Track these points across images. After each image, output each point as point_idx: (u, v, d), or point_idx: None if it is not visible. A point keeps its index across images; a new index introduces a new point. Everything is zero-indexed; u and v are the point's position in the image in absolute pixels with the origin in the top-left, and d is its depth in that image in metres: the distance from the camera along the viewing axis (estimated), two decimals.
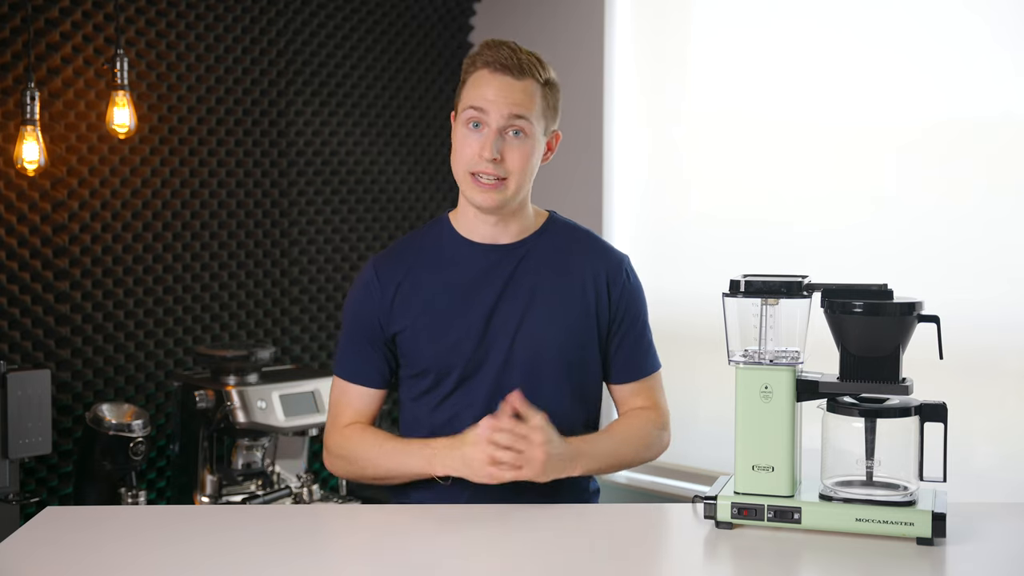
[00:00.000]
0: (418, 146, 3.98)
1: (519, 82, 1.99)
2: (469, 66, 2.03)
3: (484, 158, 1.98)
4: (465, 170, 2.01)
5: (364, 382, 2.11)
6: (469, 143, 2.00)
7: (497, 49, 2.00)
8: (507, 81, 1.98)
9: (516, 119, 1.98)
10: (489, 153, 1.97)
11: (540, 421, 1.91)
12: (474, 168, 1.99)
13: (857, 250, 3.24)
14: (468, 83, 2.03)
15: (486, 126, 1.99)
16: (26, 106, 2.85)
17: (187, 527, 1.88)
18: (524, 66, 1.99)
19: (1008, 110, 3.02)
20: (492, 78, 1.99)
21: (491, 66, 1.99)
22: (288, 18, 3.59)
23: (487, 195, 2.00)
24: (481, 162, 1.98)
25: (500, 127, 1.98)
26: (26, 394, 2.76)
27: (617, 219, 3.81)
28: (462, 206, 2.09)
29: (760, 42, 3.47)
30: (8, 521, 2.71)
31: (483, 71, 2.00)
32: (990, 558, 1.71)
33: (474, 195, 2.01)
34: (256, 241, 3.55)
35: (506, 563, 1.68)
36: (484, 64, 2.00)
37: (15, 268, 3.02)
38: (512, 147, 1.99)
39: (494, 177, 1.99)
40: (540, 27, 3.90)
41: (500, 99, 1.98)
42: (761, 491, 1.82)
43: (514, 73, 1.98)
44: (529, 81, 1.99)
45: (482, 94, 1.99)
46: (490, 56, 2.00)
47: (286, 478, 3.18)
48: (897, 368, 1.81)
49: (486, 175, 1.99)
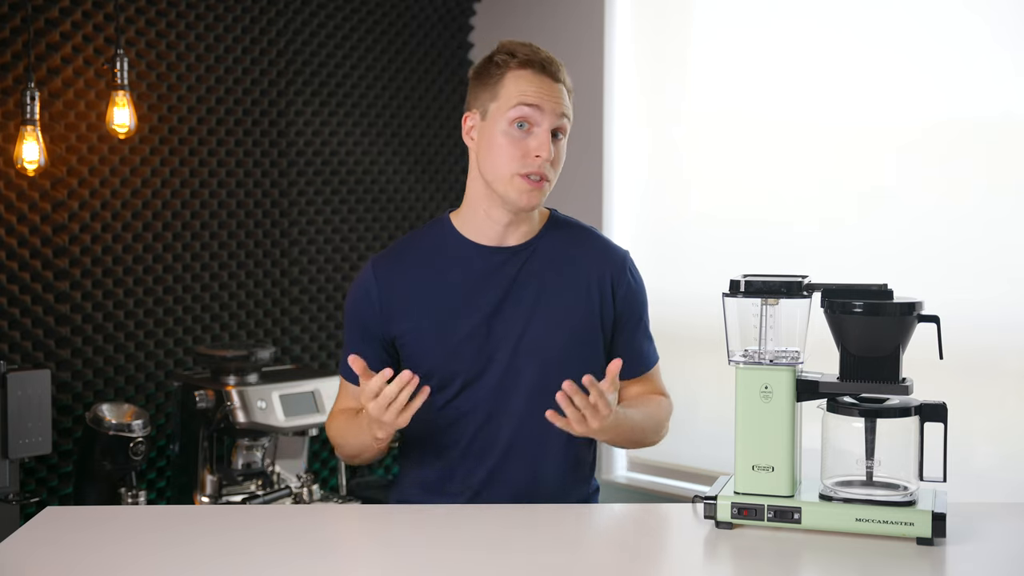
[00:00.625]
0: (418, 146, 3.98)
1: (558, 84, 1.98)
2: (501, 64, 1.98)
3: (543, 158, 1.95)
4: (513, 171, 1.96)
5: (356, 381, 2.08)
6: (516, 142, 1.96)
7: (532, 49, 1.98)
8: (549, 82, 1.97)
9: (562, 119, 1.98)
10: (548, 153, 1.94)
11: (605, 386, 1.85)
12: (526, 169, 1.95)
13: (857, 250, 3.24)
14: (507, 81, 1.97)
15: (536, 126, 1.95)
16: (26, 106, 2.85)
17: (187, 527, 1.88)
18: (558, 70, 1.99)
19: (1008, 110, 3.02)
20: (536, 78, 1.96)
21: (534, 66, 1.96)
22: (288, 18, 3.59)
23: (532, 194, 1.97)
24: (534, 163, 1.95)
25: (552, 127, 1.96)
26: (26, 394, 2.76)
27: (617, 219, 3.80)
28: (472, 206, 2.05)
29: (760, 42, 3.47)
30: (8, 521, 2.71)
31: (525, 71, 1.96)
32: (990, 558, 1.71)
33: (520, 196, 1.97)
34: (256, 241, 3.55)
35: (506, 563, 1.68)
36: (525, 64, 1.97)
37: (15, 268, 3.02)
38: (557, 149, 1.98)
39: (539, 176, 1.97)
40: (540, 27, 3.90)
41: (551, 99, 1.96)
42: (761, 491, 1.82)
43: (554, 75, 1.98)
44: (562, 85, 1.99)
45: (530, 93, 1.95)
46: (530, 55, 1.97)
47: (286, 478, 3.18)
48: (897, 368, 1.81)
49: (536, 175, 1.96)
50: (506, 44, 2.01)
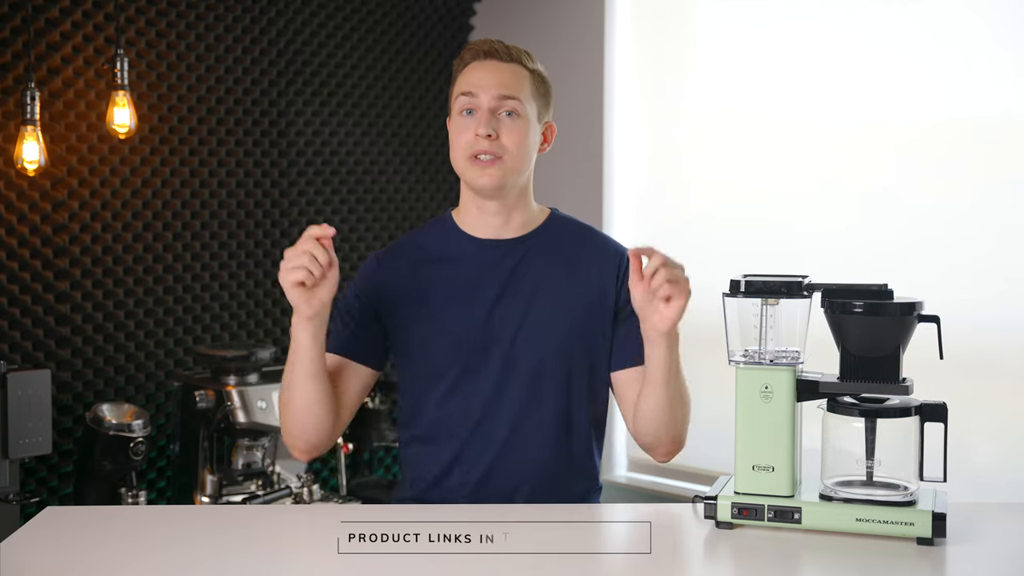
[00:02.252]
0: (418, 146, 3.98)
1: (507, 65, 2.03)
2: (458, 63, 2.08)
3: (480, 136, 1.99)
4: (464, 156, 2.01)
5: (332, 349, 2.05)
6: (464, 128, 2.02)
7: (482, 41, 2.06)
8: (494, 64, 2.03)
9: (507, 100, 2.01)
10: (484, 130, 1.98)
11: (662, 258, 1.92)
12: (472, 150, 2.00)
13: (857, 250, 3.24)
14: (458, 78, 2.06)
15: (478, 109, 2.01)
16: (26, 106, 2.85)
17: (187, 527, 1.88)
18: (512, 52, 2.05)
19: (1008, 110, 3.02)
20: (480, 64, 2.04)
21: (478, 55, 2.04)
22: (288, 18, 3.59)
23: (486, 173, 1.99)
24: (478, 141, 1.99)
25: (492, 108, 2.00)
26: (26, 394, 2.76)
27: (617, 219, 3.80)
28: (464, 201, 2.09)
29: (760, 42, 3.47)
30: (8, 521, 2.71)
31: (472, 63, 2.05)
32: (990, 558, 1.71)
33: (475, 177, 2.01)
34: (256, 241, 3.55)
35: (506, 562, 1.68)
36: (472, 56, 2.05)
37: (15, 268, 3.02)
38: (507, 127, 2.00)
39: (491, 155, 1.99)
40: (540, 27, 3.90)
41: (489, 81, 2.01)
42: (761, 491, 1.82)
43: (502, 57, 2.03)
44: (516, 65, 2.04)
45: (471, 80, 2.02)
46: (476, 47, 2.05)
47: (286, 478, 3.18)
48: (897, 368, 1.80)
49: (484, 154, 1.99)
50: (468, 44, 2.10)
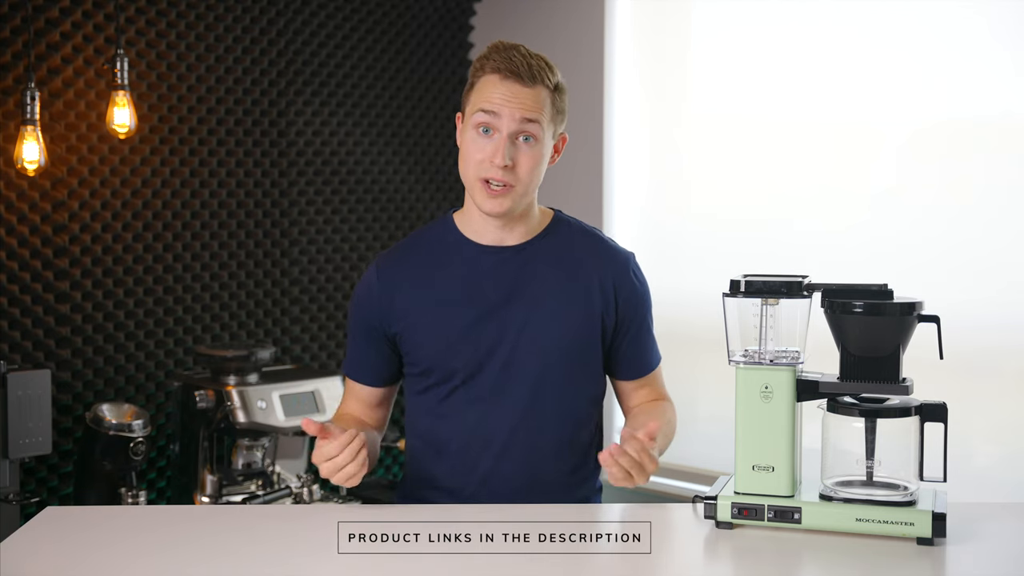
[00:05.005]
0: (418, 146, 3.98)
1: (530, 89, 1.96)
2: (478, 69, 2.00)
3: (496, 164, 1.95)
4: (475, 175, 1.98)
5: (359, 378, 2.14)
6: (480, 148, 1.97)
7: (507, 54, 1.97)
8: (517, 88, 1.96)
9: (527, 123, 1.96)
10: (501, 160, 1.95)
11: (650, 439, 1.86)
12: (485, 174, 1.97)
13: (857, 250, 3.24)
14: (477, 87, 2.00)
15: (497, 132, 1.96)
16: (26, 106, 2.85)
17: (187, 527, 1.88)
18: (535, 72, 1.96)
19: (1008, 109, 3.02)
20: (502, 84, 1.96)
21: (501, 72, 1.96)
22: (288, 18, 3.59)
23: (495, 201, 1.98)
24: (492, 168, 1.96)
25: (511, 132, 1.96)
26: (26, 394, 2.76)
27: (618, 220, 3.80)
28: (468, 208, 2.08)
29: (760, 42, 3.47)
30: (8, 521, 2.71)
31: (493, 76, 1.97)
32: (990, 558, 1.71)
33: (483, 201, 1.99)
34: (256, 241, 3.55)
35: (506, 562, 1.68)
36: (494, 69, 1.97)
37: (15, 268, 3.02)
38: (523, 153, 1.97)
39: (502, 183, 1.97)
40: (540, 27, 3.90)
41: (511, 105, 1.95)
42: (761, 491, 1.82)
43: (525, 80, 1.96)
44: (539, 87, 1.97)
45: (492, 99, 1.96)
46: (500, 61, 1.97)
47: (286, 478, 3.18)
48: (897, 368, 1.81)
49: (496, 181, 1.97)
50: (490, 47, 2.01)
